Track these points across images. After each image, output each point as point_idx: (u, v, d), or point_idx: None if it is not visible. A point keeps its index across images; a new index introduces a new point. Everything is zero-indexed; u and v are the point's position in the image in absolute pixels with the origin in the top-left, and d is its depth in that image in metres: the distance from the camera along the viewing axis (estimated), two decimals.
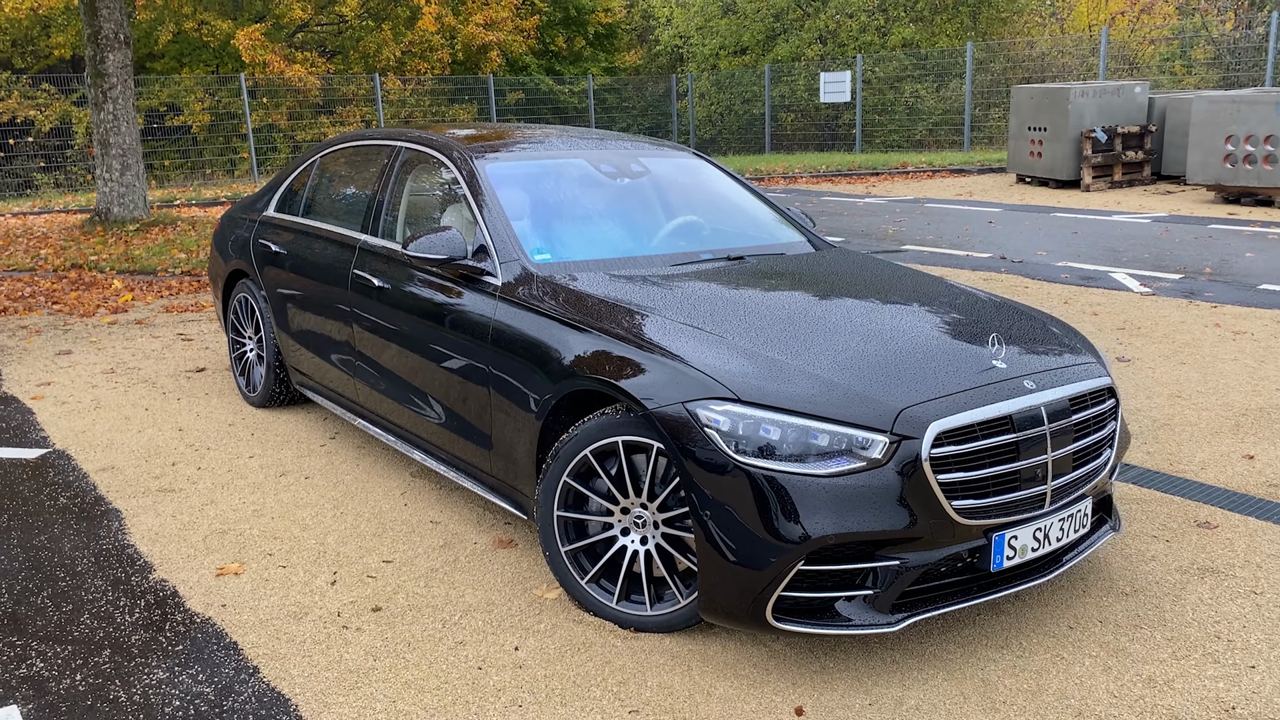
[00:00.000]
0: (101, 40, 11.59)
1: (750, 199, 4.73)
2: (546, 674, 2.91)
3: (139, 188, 12.13)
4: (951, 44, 23.49)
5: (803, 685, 2.84)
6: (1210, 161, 12.67)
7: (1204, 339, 6.43)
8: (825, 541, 2.71)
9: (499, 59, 24.12)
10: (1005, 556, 2.91)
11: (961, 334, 3.29)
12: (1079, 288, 8.09)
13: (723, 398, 2.85)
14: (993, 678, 2.86)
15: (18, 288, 9.10)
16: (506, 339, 3.52)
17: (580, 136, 4.80)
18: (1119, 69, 21.40)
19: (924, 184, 16.64)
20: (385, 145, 4.74)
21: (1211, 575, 3.42)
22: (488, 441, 3.63)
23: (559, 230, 4.08)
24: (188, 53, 22.41)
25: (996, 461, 2.88)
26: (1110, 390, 3.29)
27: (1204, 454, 4.50)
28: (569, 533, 3.24)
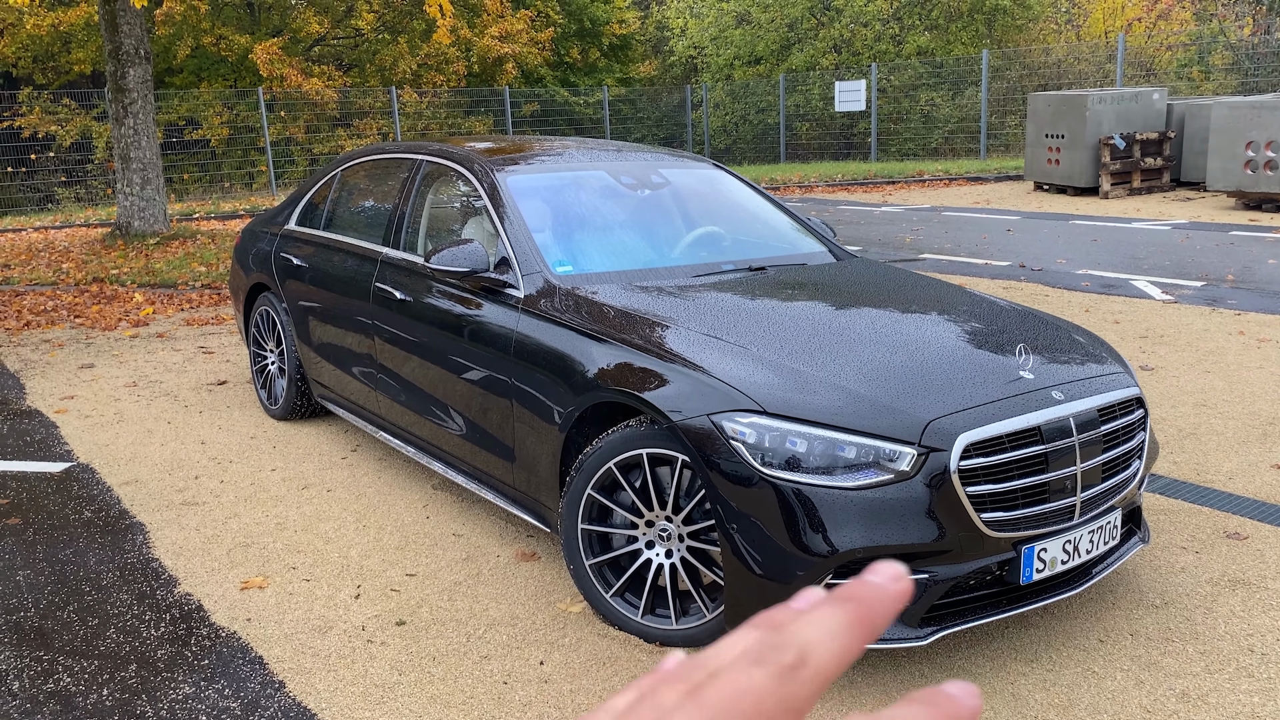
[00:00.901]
0: (122, 56, 11.70)
1: (770, 209, 4.72)
2: (572, 689, 2.89)
3: (159, 201, 12.22)
4: (967, 52, 23.44)
5: (830, 700, 2.81)
6: (1230, 168, 12.58)
7: (1228, 347, 6.36)
8: (853, 555, 2.69)
9: (514, 71, 24.21)
10: (1035, 569, 2.89)
11: (988, 344, 3.26)
12: (1100, 296, 8.03)
13: (748, 410, 2.83)
14: (1023, 692, 2.82)
15: (40, 301, 9.17)
16: (529, 351, 3.52)
17: (600, 148, 4.81)
18: (1136, 75, 21.30)
19: (941, 192, 16.58)
20: (406, 158, 4.75)
21: (1243, 587, 3.38)
22: (510, 454, 3.63)
23: (580, 242, 4.08)
24: (206, 67, 22.60)
25: (1025, 473, 2.86)
26: (1139, 400, 3.26)
27: (1231, 464, 4.45)
28: (593, 546, 3.23)
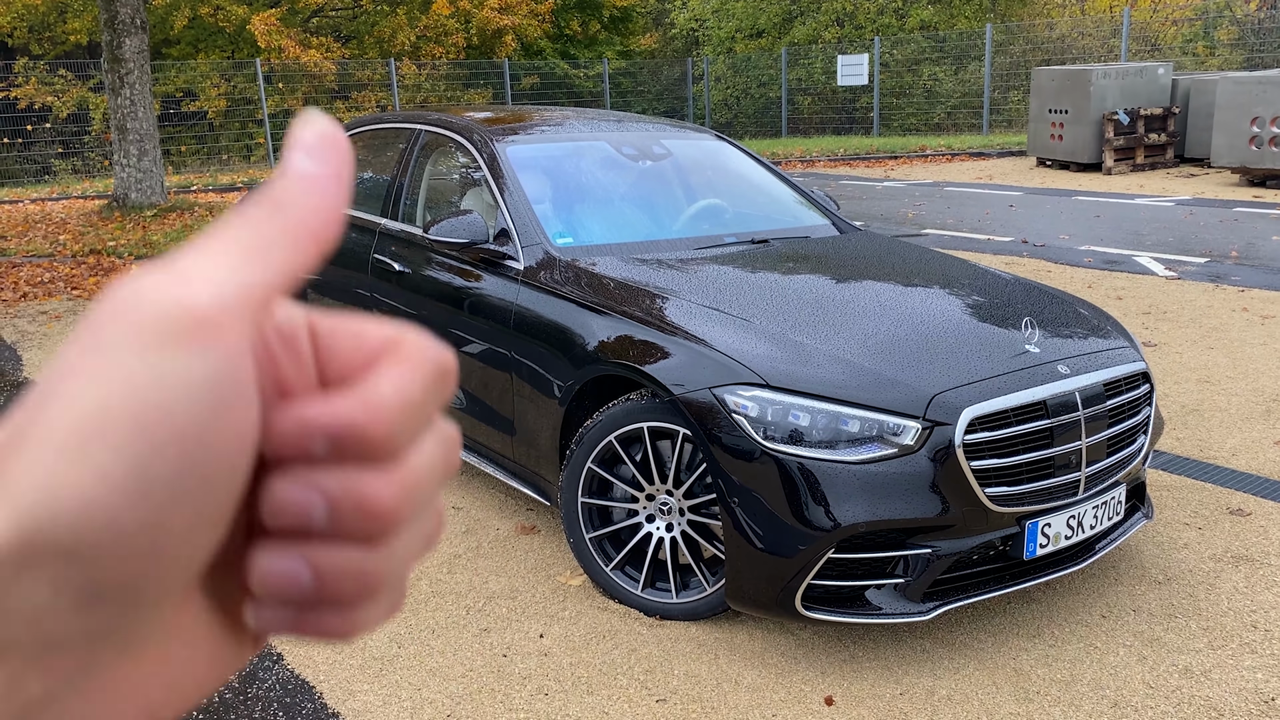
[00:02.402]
0: (118, 25, 11.58)
1: (773, 181, 4.67)
2: (572, 662, 2.88)
3: (156, 173, 12.13)
4: (970, 26, 23.23)
5: (832, 674, 2.80)
6: (1235, 144, 12.49)
7: (1231, 323, 6.33)
8: (856, 529, 2.67)
9: (514, 43, 24.01)
10: (1038, 544, 2.86)
11: (993, 318, 3.23)
12: (1103, 272, 7.99)
13: (751, 383, 2.80)
14: (1025, 667, 2.81)
15: (37, 273, 9.12)
16: (528, 324, 3.48)
17: (600, 119, 4.75)
18: (1141, 50, 21.13)
19: (943, 167, 16.49)
20: (405, 128, 4.69)
21: (1246, 563, 3.36)
22: (510, 427, 3.60)
23: (581, 214, 4.03)
24: (203, 38, 22.41)
25: (1030, 448, 2.83)
26: (1145, 375, 3.23)
27: (1235, 440, 4.43)
28: (593, 519, 3.21)
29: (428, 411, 0.32)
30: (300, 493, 0.29)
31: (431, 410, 0.32)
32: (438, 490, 0.33)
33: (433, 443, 0.32)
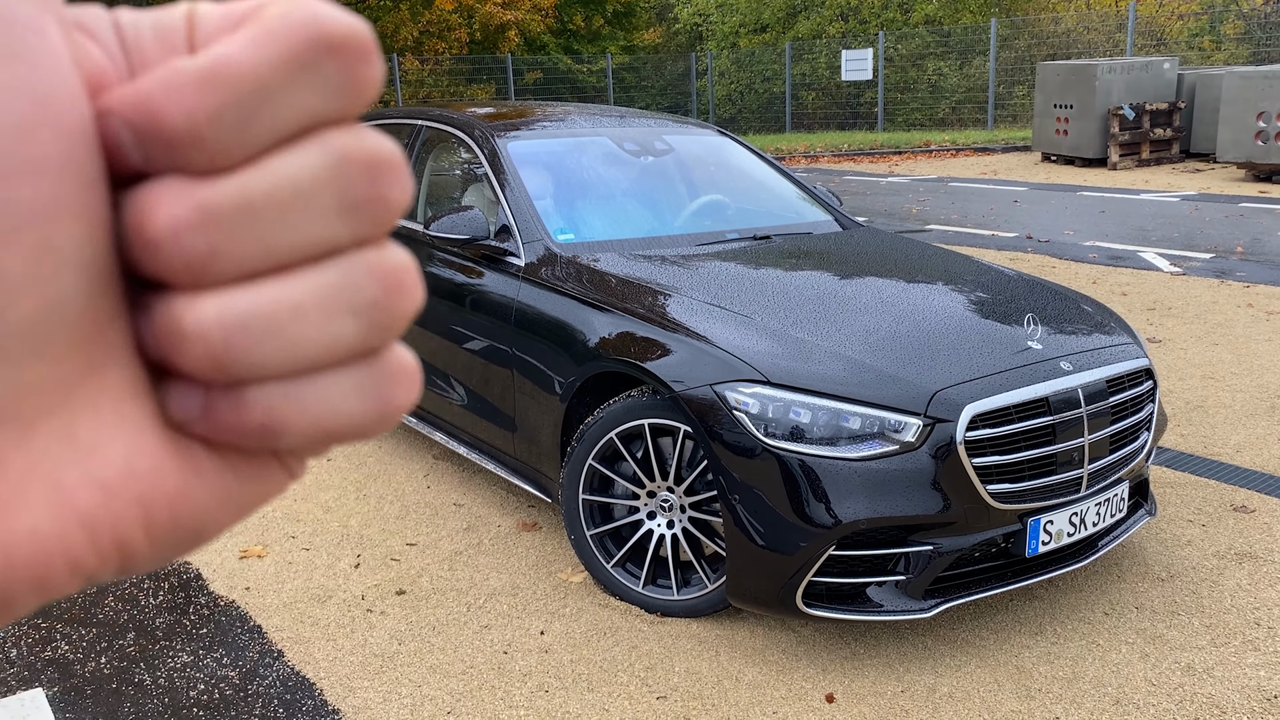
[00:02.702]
0: None
1: (776, 177, 4.66)
2: (573, 658, 2.88)
3: None
4: (975, 20, 23.17)
5: (833, 672, 2.79)
6: (1241, 139, 12.44)
7: (1236, 319, 6.31)
8: (857, 526, 2.66)
9: (517, 38, 23.99)
10: (1040, 541, 2.85)
11: (995, 314, 3.22)
12: (1108, 267, 7.96)
13: (752, 380, 2.79)
14: (1027, 665, 2.80)
15: None
16: (530, 320, 3.47)
17: (602, 114, 4.74)
18: (1146, 45, 21.05)
19: (947, 163, 16.45)
20: (405, 124, 4.69)
21: (1249, 560, 3.34)
22: (511, 424, 3.59)
23: (582, 210, 4.02)
24: None
25: (1032, 445, 2.82)
26: (1148, 372, 3.21)
27: (1239, 436, 4.41)
28: (594, 516, 3.20)
29: (291, 102, 0.23)
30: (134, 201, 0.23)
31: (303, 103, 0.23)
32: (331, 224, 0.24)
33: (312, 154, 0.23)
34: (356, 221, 0.24)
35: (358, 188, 0.24)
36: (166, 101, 0.22)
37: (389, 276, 0.25)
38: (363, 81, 0.24)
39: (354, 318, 0.24)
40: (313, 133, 0.24)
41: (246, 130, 0.23)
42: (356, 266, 0.24)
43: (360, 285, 0.24)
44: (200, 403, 0.24)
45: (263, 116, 0.23)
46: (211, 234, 0.23)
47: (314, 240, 0.24)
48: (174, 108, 0.22)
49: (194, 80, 0.22)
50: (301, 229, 0.23)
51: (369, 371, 0.25)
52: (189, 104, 0.22)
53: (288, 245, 0.23)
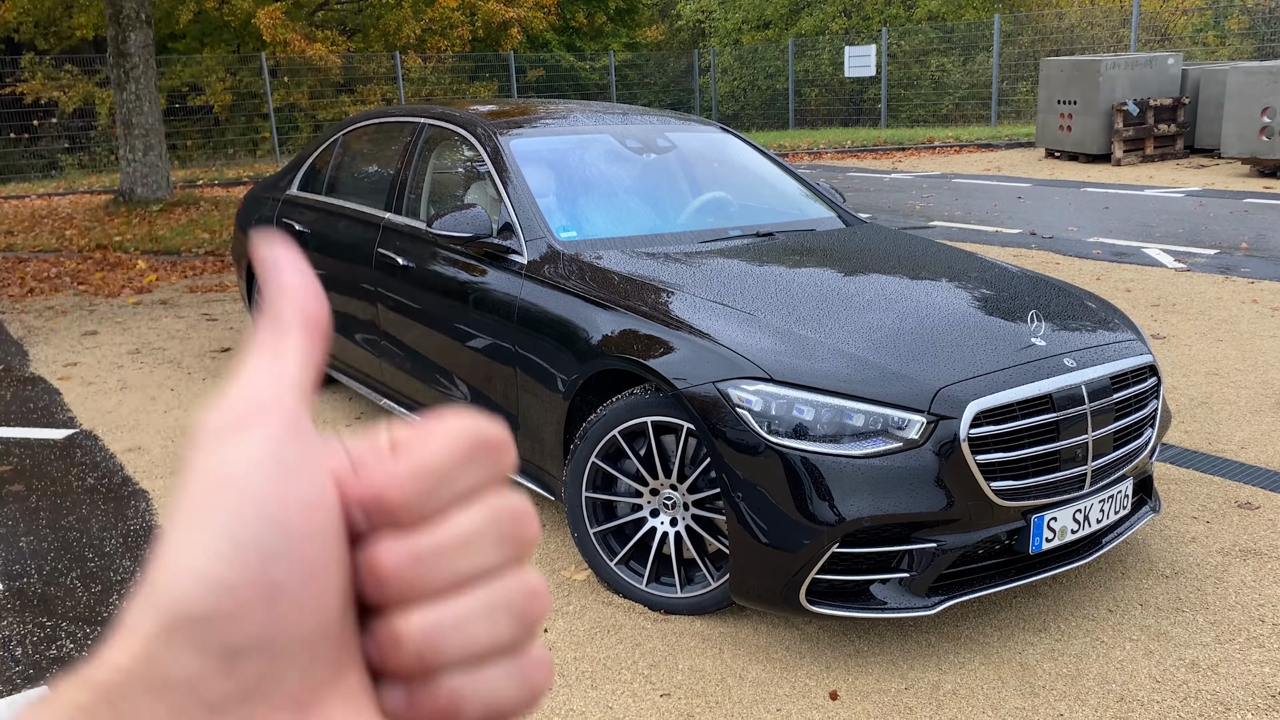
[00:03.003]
0: (123, 20, 11.58)
1: (779, 174, 4.65)
2: (576, 656, 2.88)
3: (162, 168, 12.15)
4: (978, 16, 23.11)
5: (837, 669, 2.79)
6: (1246, 134, 12.41)
7: (1241, 316, 6.29)
8: (860, 523, 2.66)
9: (519, 36, 23.95)
10: (1044, 538, 2.85)
11: (999, 311, 3.21)
12: (1112, 264, 7.95)
13: (755, 377, 2.79)
14: (1031, 662, 2.80)
15: (44, 268, 9.14)
16: (532, 318, 3.47)
17: (605, 111, 4.73)
18: (1150, 40, 20.99)
19: (951, 159, 16.42)
20: (408, 122, 4.68)
21: (1254, 557, 3.34)
22: (514, 422, 3.59)
23: (585, 207, 4.02)
24: (209, 32, 22.41)
25: (1036, 442, 2.81)
26: (1152, 368, 3.21)
27: (1244, 433, 4.40)
28: (597, 514, 3.20)
29: (463, 480, 0.35)
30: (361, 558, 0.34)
31: (470, 480, 0.35)
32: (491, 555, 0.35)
33: (478, 512, 0.35)
34: (507, 551, 0.36)
35: (506, 529, 0.36)
36: (389, 487, 0.34)
37: (530, 590, 0.36)
38: (504, 463, 0.36)
39: (510, 619, 0.35)
40: (476, 495, 0.36)
41: (437, 500, 0.35)
42: (509, 583, 0.35)
43: (512, 595, 0.35)
44: (405, 696, 0.34)
45: (447, 491, 0.35)
46: (418, 568, 0.34)
47: (481, 566, 0.35)
48: (393, 490, 0.34)
49: (406, 472, 0.34)
50: (473, 559, 0.35)
51: (519, 662, 0.35)
52: (403, 487, 0.34)
53: (465, 570, 0.35)
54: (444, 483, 0.35)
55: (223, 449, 0.32)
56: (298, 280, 0.37)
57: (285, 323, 0.36)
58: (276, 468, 0.32)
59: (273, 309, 0.36)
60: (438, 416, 0.37)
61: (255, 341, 0.36)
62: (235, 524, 0.31)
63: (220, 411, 0.33)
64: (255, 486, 0.31)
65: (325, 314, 0.37)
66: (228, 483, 0.31)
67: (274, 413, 0.33)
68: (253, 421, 0.32)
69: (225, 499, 0.31)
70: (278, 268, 0.37)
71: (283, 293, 0.36)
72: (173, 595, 0.30)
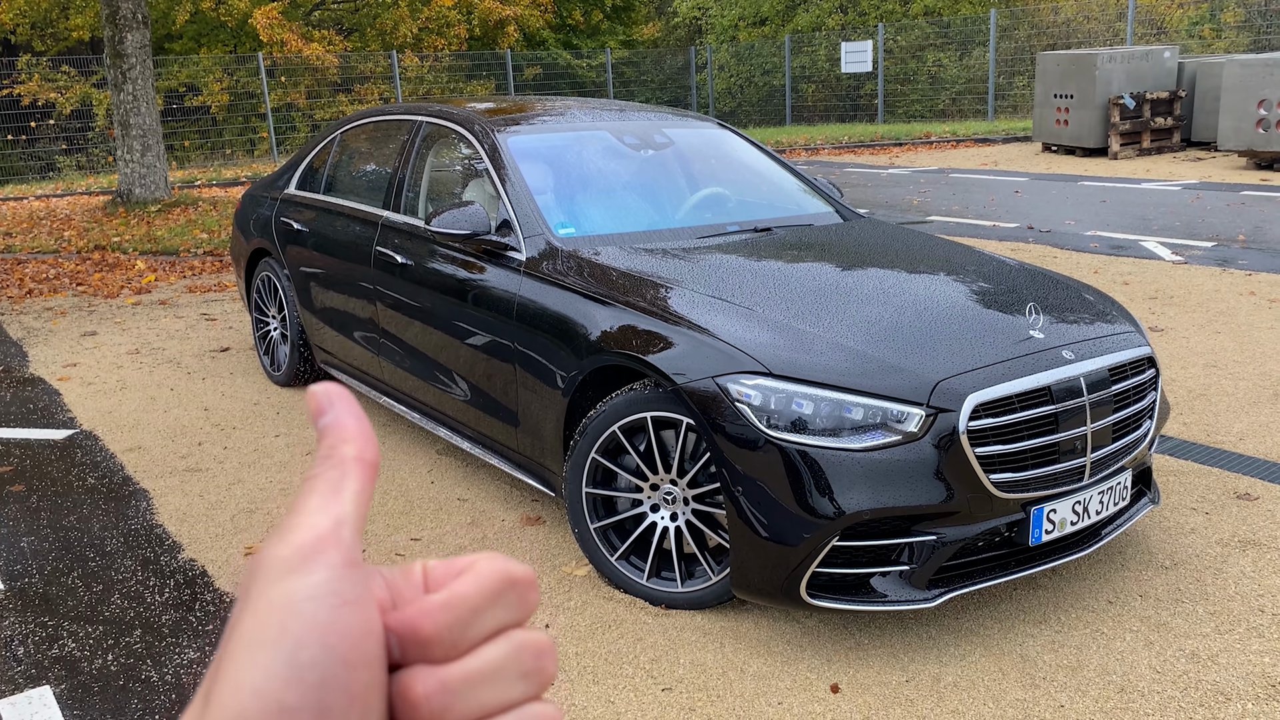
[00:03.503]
0: (119, 21, 11.57)
1: (776, 169, 4.65)
2: (578, 651, 2.88)
3: (160, 168, 12.14)
4: (974, 11, 23.10)
5: (838, 662, 2.80)
6: (1242, 127, 12.42)
7: (1239, 308, 6.30)
8: (860, 517, 2.66)
9: (516, 34, 23.95)
10: (1044, 530, 2.86)
11: (997, 304, 3.21)
12: (1109, 257, 7.95)
13: (754, 372, 2.79)
14: (1032, 653, 2.81)
15: (42, 270, 9.14)
16: (531, 315, 3.48)
17: (602, 108, 4.73)
18: (1146, 34, 20.99)
19: (948, 154, 16.42)
20: (406, 120, 4.68)
21: (1253, 548, 3.35)
22: (514, 418, 3.60)
23: (583, 204, 4.02)
24: (205, 33, 22.39)
25: (1035, 434, 2.82)
26: (1150, 360, 3.21)
27: (1242, 424, 4.41)
28: (598, 510, 3.21)
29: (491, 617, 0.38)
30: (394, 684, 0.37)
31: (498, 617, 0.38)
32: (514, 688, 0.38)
33: (504, 646, 0.38)
34: (528, 684, 0.38)
35: (529, 664, 0.38)
36: (423, 620, 0.37)
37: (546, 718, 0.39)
38: (531, 602, 0.39)
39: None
40: (503, 631, 0.38)
41: (467, 634, 0.37)
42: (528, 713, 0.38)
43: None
44: None
45: (477, 626, 0.38)
46: (447, 697, 0.36)
47: (505, 698, 0.38)
48: (428, 622, 0.37)
49: (439, 606, 0.37)
50: (498, 691, 0.37)
51: None
52: (436, 620, 0.37)
53: (490, 702, 0.37)
54: (475, 619, 0.38)
55: (289, 580, 0.35)
56: (354, 424, 0.40)
57: (342, 462, 0.39)
58: (337, 600, 0.35)
59: (329, 448, 0.39)
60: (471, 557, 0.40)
61: (314, 478, 0.38)
62: (297, 650, 0.33)
63: (286, 545, 0.36)
64: (317, 617, 0.34)
65: (377, 455, 0.40)
66: (292, 612, 0.34)
67: (334, 548, 0.36)
68: (316, 556, 0.35)
69: (289, 626, 0.34)
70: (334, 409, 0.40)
71: (341, 433, 0.40)
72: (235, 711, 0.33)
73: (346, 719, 0.34)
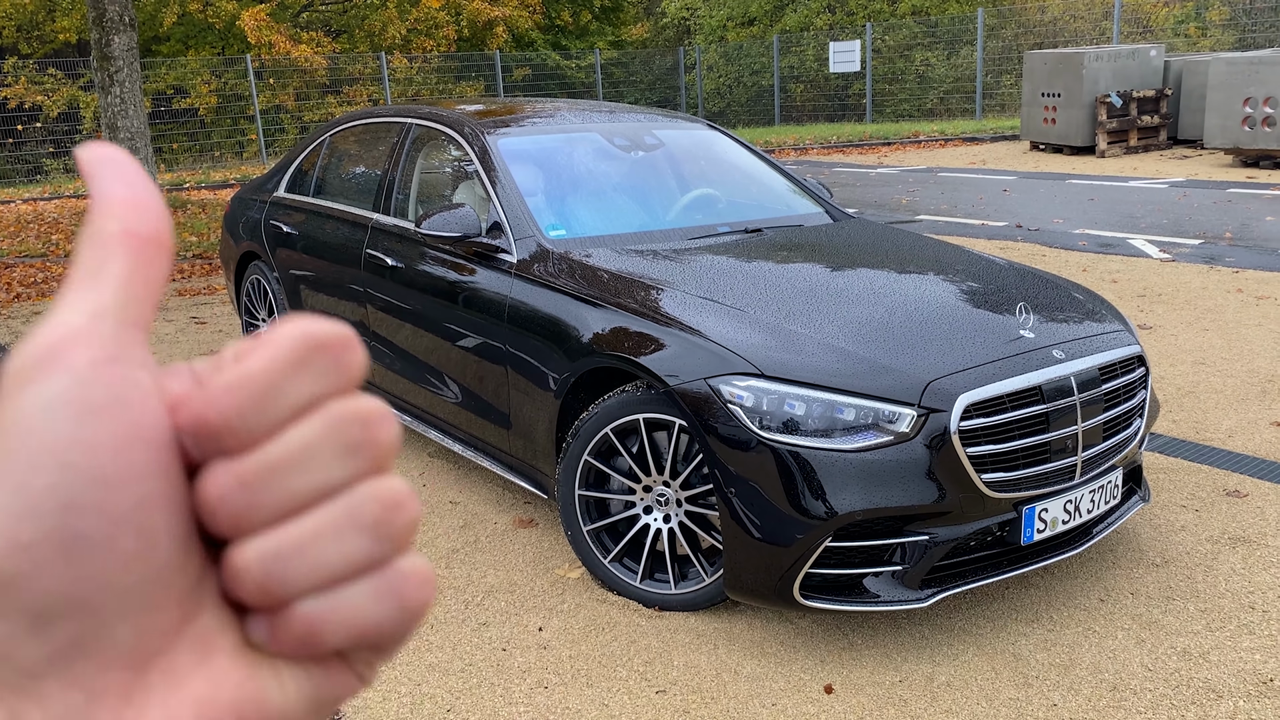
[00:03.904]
0: (106, 23, 11.52)
1: (766, 170, 4.66)
2: (572, 654, 2.88)
3: (148, 171, 12.07)
4: (962, 10, 23.17)
5: (831, 663, 2.80)
6: (1228, 125, 12.48)
7: (1226, 305, 6.33)
8: (853, 517, 2.67)
9: (505, 35, 23.93)
10: (1035, 529, 2.87)
11: (987, 303, 3.22)
12: (1098, 255, 7.99)
13: (746, 373, 2.80)
14: (1024, 652, 2.82)
15: (30, 274, 9.09)
16: (523, 317, 3.47)
17: (592, 109, 4.73)
18: (1132, 33, 21.08)
19: (936, 153, 16.47)
20: (395, 122, 4.67)
21: (1243, 545, 3.36)
22: (506, 421, 3.59)
23: (574, 205, 4.02)
24: (193, 35, 22.31)
25: (1026, 433, 2.83)
26: (1140, 358, 3.23)
27: (1230, 421, 4.44)
28: (591, 512, 3.21)
29: (295, 390, 0.31)
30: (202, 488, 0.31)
31: (305, 388, 0.31)
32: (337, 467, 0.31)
33: (316, 423, 0.31)
34: (356, 461, 0.31)
35: (353, 435, 0.31)
36: (206, 408, 0.30)
37: (387, 498, 0.32)
38: (347, 365, 0.32)
39: (362, 534, 0.31)
40: (317, 406, 0.31)
41: (264, 416, 0.30)
42: (360, 494, 0.31)
43: (364, 508, 0.31)
44: (267, 627, 0.31)
45: (276, 404, 0.31)
46: (249, 494, 0.30)
47: (324, 481, 0.31)
48: (211, 411, 0.30)
49: (222, 389, 0.30)
50: (313, 475, 0.31)
51: (384, 577, 0.32)
52: (222, 406, 0.30)
53: (305, 489, 0.31)
54: (272, 396, 0.30)
55: (21, 394, 0.28)
56: (124, 191, 0.32)
57: (103, 242, 0.31)
58: (80, 409, 0.28)
59: (92, 227, 0.31)
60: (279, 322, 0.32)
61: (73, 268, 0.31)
62: (29, 476, 0.28)
63: (22, 355, 0.29)
64: (53, 433, 0.28)
65: (160, 228, 0.32)
66: (21, 432, 0.28)
67: (81, 348, 0.29)
68: (56, 359, 0.29)
69: (18, 449, 0.28)
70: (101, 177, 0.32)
71: (104, 207, 0.31)
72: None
73: (117, 545, 0.28)
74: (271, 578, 0.30)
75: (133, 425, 0.29)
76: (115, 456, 0.29)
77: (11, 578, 0.27)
